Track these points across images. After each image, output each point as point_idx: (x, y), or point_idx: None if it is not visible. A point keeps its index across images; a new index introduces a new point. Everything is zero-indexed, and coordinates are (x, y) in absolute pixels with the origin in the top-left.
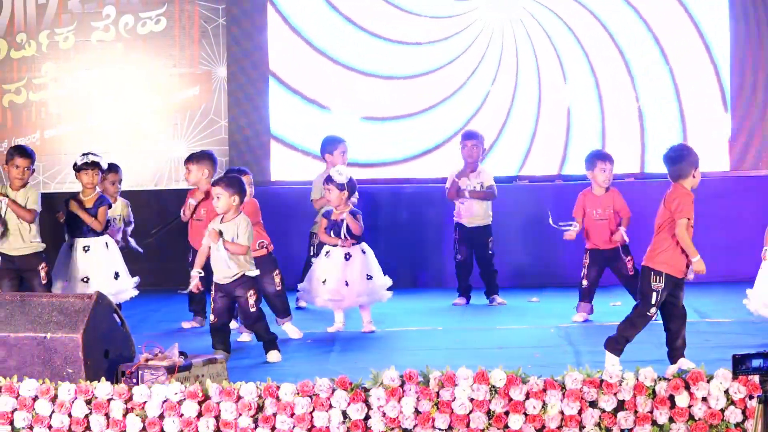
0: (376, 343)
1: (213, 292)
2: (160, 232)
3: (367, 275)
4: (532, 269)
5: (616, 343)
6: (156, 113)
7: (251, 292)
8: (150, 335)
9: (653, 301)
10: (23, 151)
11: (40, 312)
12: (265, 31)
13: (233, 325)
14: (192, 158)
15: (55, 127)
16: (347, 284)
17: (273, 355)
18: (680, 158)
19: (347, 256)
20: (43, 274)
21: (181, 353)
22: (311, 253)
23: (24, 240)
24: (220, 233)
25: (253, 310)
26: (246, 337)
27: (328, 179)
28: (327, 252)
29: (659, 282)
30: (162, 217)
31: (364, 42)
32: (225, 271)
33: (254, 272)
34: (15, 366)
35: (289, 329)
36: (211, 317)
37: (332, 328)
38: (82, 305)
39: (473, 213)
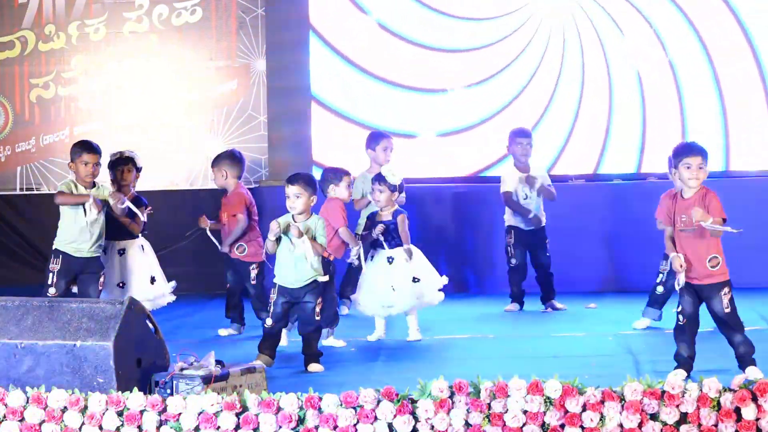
0: (424, 351)
1: (274, 296)
2: (194, 235)
3: (414, 278)
4: (588, 273)
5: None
6: (191, 109)
7: (320, 299)
8: (185, 343)
9: (675, 309)
10: (90, 147)
11: (69, 318)
12: (306, 20)
13: (223, 332)
14: (217, 160)
15: (86, 123)
16: (393, 289)
17: (315, 366)
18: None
19: (390, 260)
20: (101, 280)
21: (218, 362)
22: (352, 255)
23: (92, 241)
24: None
25: (318, 318)
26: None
27: (379, 178)
28: (371, 256)
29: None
30: (197, 219)
31: (426, 18)
32: (296, 274)
33: (324, 278)
34: (43, 375)
35: (332, 340)
36: (268, 321)
37: (372, 336)
38: (114, 311)
39: (535, 212)
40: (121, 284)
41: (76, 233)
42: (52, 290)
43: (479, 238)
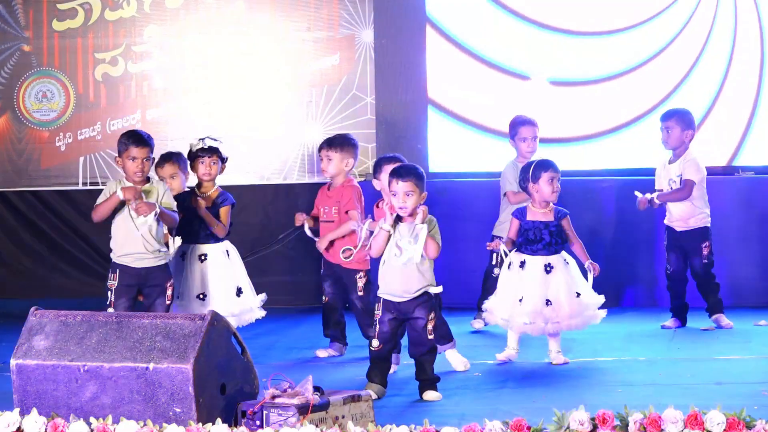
0: (560, 377)
1: (379, 312)
2: (289, 238)
3: (576, 292)
4: (758, 284)
5: None
6: (285, 88)
7: (432, 315)
8: (277, 366)
9: None
10: (139, 138)
11: (141, 337)
12: None
13: (322, 353)
14: (334, 143)
15: (160, 105)
16: (548, 303)
17: (431, 394)
18: None
19: (548, 268)
20: (169, 293)
21: (316, 388)
22: (493, 262)
23: (148, 248)
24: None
25: (431, 337)
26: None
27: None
28: (522, 262)
29: None
30: (291, 219)
31: None
32: (405, 284)
33: (438, 289)
34: (110, 404)
35: (453, 358)
36: (374, 343)
37: (502, 355)
38: (193, 328)
39: (682, 214)
40: (201, 296)
41: (124, 241)
42: (111, 311)
43: (633, 241)
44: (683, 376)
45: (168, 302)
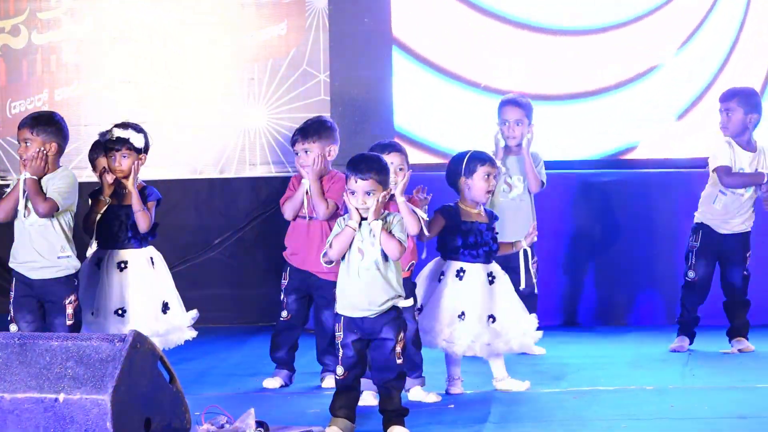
0: (553, 408)
1: (341, 334)
2: (227, 243)
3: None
4: None
5: None
6: (222, 63)
7: (401, 335)
8: (213, 397)
9: None
10: (26, 120)
11: (49, 362)
12: None
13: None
14: (309, 132)
15: (71, 83)
16: (494, 320)
17: (397, 430)
18: None
19: (491, 278)
20: (69, 311)
21: (260, 424)
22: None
23: (43, 255)
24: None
25: (399, 361)
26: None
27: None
28: (460, 270)
29: None
30: (230, 220)
31: None
32: (368, 295)
33: (407, 302)
34: None
35: (420, 396)
36: (339, 369)
37: (456, 388)
38: (112, 352)
39: (735, 212)
40: (120, 311)
41: (18, 244)
42: (12, 327)
43: (637, 244)
44: (699, 408)
45: (70, 322)
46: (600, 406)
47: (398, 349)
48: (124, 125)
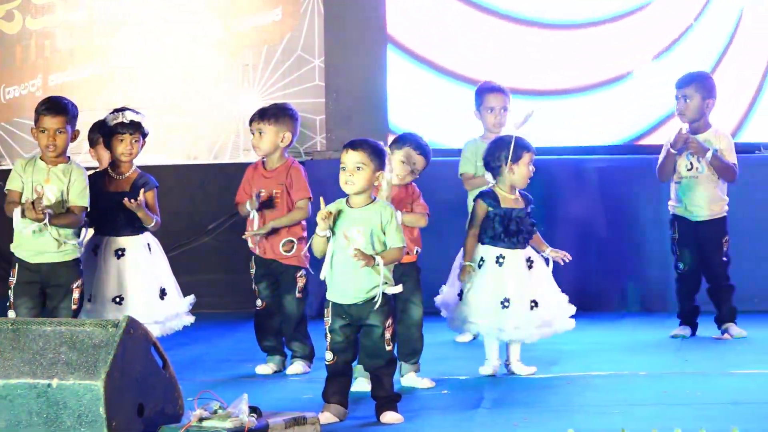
0: (546, 394)
1: (329, 319)
2: (221, 228)
3: (532, 301)
4: None
5: None
6: (216, 49)
7: (389, 321)
8: (206, 382)
9: None
10: (53, 105)
11: (42, 347)
12: None
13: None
14: (266, 114)
15: (66, 69)
16: (536, 305)
17: (390, 416)
18: None
19: (530, 263)
20: (76, 295)
21: (253, 409)
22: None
23: (48, 240)
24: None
25: (389, 348)
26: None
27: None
28: (500, 257)
29: None
30: (225, 206)
31: None
32: (355, 282)
33: (396, 289)
34: (4, 428)
35: (414, 382)
36: (328, 355)
37: (486, 369)
38: (105, 337)
39: (699, 198)
40: (118, 299)
41: (21, 229)
42: (11, 314)
43: (630, 231)
44: (692, 394)
45: (75, 306)
46: (593, 392)
47: (387, 335)
48: (132, 110)
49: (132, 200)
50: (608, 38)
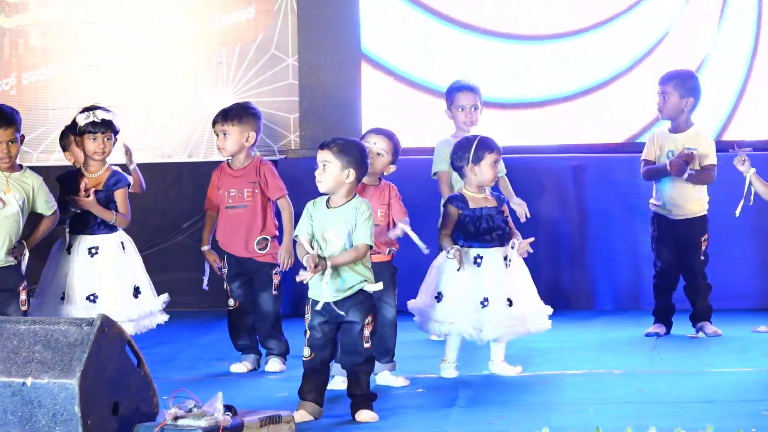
0: (521, 393)
1: (309, 316)
2: (197, 226)
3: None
4: (757, 284)
5: None
6: (190, 47)
7: (369, 318)
8: (181, 381)
9: None
10: (3, 117)
11: (16, 346)
12: None
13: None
14: (230, 115)
15: (39, 67)
16: (511, 303)
17: (365, 415)
18: None
19: (507, 261)
20: (23, 296)
21: (228, 408)
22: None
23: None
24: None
25: (367, 345)
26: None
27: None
28: (477, 257)
29: None
30: (199, 204)
31: None
32: (334, 282)
33: (376, 286)
34: None
35: (388, 380)
36: (306, 351)
37: (450, 371)
38: (80, 336)
39: (679, 198)
40: (91, 297)
41: None
42: None
43: (603, 230)
44: (667, 393)
45: (24, 308)
46: (568, 390)
47: (366, 332)
48: (103, 108)
49: (82, 196)
50: (579, 50)
